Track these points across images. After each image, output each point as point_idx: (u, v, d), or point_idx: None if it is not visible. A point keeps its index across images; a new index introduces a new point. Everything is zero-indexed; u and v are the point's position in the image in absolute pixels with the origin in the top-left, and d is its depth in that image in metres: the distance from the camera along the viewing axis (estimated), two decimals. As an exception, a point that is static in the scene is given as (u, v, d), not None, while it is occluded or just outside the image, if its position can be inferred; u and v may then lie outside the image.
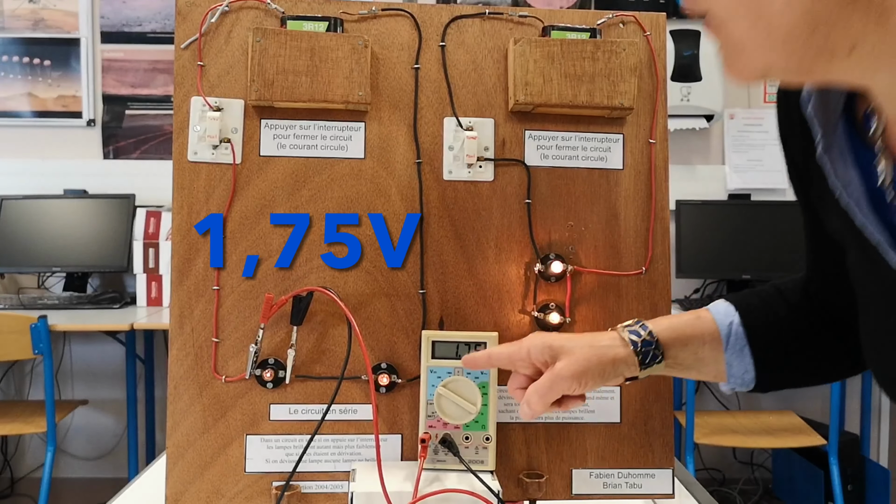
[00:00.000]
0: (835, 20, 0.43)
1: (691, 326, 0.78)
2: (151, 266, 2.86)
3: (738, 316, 0.79)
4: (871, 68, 0.46)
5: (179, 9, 0.91)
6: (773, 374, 0.79)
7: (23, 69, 3.13)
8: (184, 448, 0.88)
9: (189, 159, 0.90)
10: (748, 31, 0.45)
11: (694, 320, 0.79)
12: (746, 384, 0.79)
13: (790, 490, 2.94)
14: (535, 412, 0.75)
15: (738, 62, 0.47)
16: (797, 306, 0.80)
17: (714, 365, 0.79)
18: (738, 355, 0.78)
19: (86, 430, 3.14)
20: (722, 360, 0.78)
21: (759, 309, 0.79)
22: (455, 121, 0.92)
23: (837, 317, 0.77)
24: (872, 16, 0.42)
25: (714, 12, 0.47)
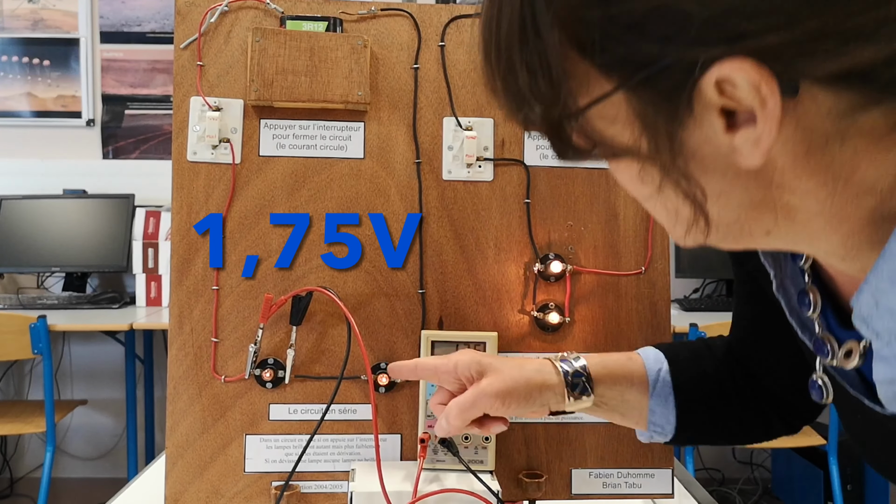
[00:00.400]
0: (750, 220, 0.47)
1: (622, 366, 0.78)
2: (151, 266, 2.86)
3: (666, 363, 0.79)
4: (789, 244, 0.49)
5: (179, 9, 0.91)
6: (693, 427, 0.79)
7: (22, 69, 3.13)
8: (183, 448, 0.88)
9: (188, 159, 0.90)
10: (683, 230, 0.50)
11: (625, 361, 0.79)
12: (665, 434, 0.79)
13: (789, 490, 2.94)
14: (453, 428, 0.73)
15: (680, 239, 0.52)
16: (723, 365, 0.80)
17: (638, 410, 0.78)
18: (662, 403, 0.78)
19: (85, 430, 3.14)
20: (646, 406, 0.78)
21: (687, 360, 0.79)
22: (454, 121, 0.92)
23: (760, 380, 0.77)
24: (781, 215, 0.46)
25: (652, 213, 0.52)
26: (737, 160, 0.43)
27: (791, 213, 0.46)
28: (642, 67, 0.41)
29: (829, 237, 0.47)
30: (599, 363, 0.77)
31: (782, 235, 0.48)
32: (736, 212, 0.46)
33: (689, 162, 0.45)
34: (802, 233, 0.47)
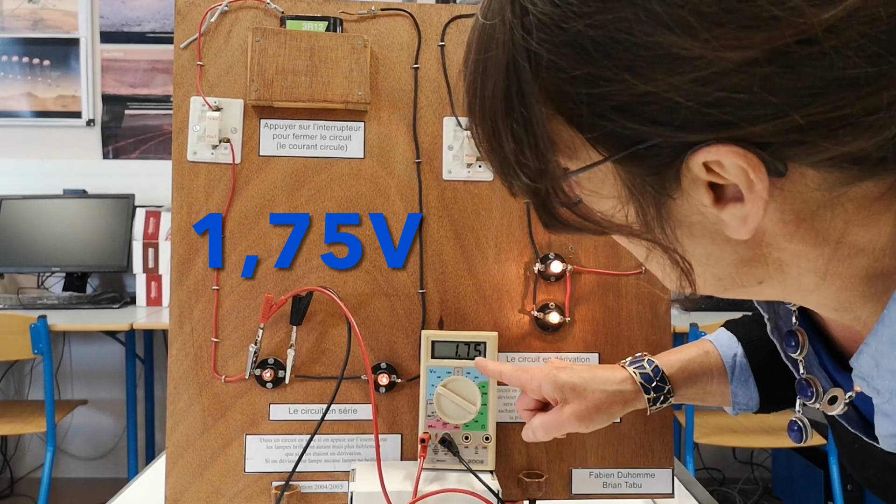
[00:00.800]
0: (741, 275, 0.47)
1: (699, 364, 0.80)
2: (151, 266, 2.86)
3: (740, 347, 0.80)
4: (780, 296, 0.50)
5: (179, 8, 0.91)
6: (776, 400, 0.80)
7: (22, 69, 3.13)
8: (183, 448, 0.88)
9: (188, 159, 0.90)
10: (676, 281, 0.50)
11: (702, 356, 0.80)
12: (751, 409, 0.81)
13: (790, 489, 2.94)
14: (539, 440, 0.79)
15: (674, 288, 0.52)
16: None
17: (720, 396, 0.81)
18: (742, 386, 0.79)
19: (85, 430, 3.14)
20: (728, 392, 0.80)
21: (761, 339, 0.80)
22: (454, 120, 0.92)
23: None
24: (773, 268, 0.46)
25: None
26: (725, 230, 0.43)
27: (783, 267, 0.46)
28: (630, 144, 0.41)
29: (821, 292, 0.47)
30: (678, 367, 0.79)
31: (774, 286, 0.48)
32: (727, 269, 0.47)
33: (677, 229, 0.45)
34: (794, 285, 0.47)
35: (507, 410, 0.91)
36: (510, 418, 0.91)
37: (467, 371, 0.86)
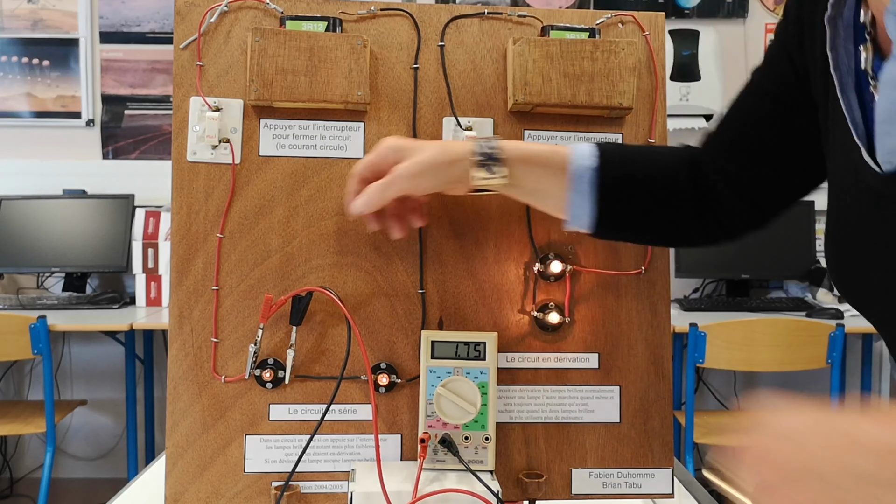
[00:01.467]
0: None
1: (541, 157, 0.80)
2: (150, 266, 2.86)
3: (597, 162, 0.80)
4: None
5: (178, 9, 0.91)
6: (614, 226, 0.82)
7: (22, 69, 3.13)
8: (183, 448, 0.88)
9: (188, 159, 0.90)
10: None
11: (549, 154, 0.81)
12: (583, 226, 0.82)
13: (790, 489, 2.94)
14: (371, 204, 0.78)
15: None
16: (678, 166, 0.83)
17: (554, 200, 0.82)
18: (580, 196, 0.80)
19: (85, 430, 3.14)
20: (564, 198, 0.81)
21: (621, 162, 0.81)
22: (454, 121, 0.92)
23: (725, 179, 0.81)
24: None
25: None
26: None
27: None
28: None
29: None
30: (518, 149, 0.79)
31: None
32: None
33: None
34: None
35: (507, 411, 0.91)
36: (510, 418, 0.91)
37: (467, 371, 0.86)
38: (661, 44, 0.96)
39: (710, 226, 0.84)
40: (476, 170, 0.78)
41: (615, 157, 0.82)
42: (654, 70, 0.95)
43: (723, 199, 0.82)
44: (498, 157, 0.78)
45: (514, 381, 0.91)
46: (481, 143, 0.79)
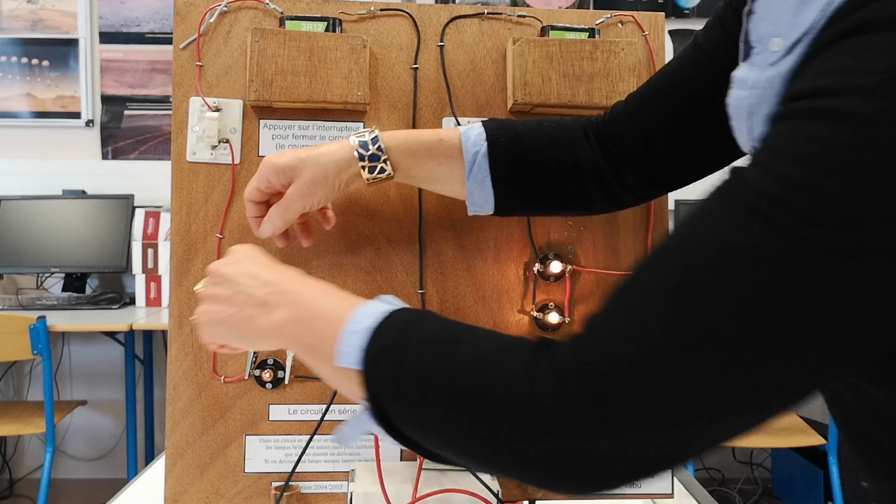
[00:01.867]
0: None
1: (427, 148, 0.79)
2: (150, 266, 2.86)
3: (486, 146, 0.79)
4: None
5: (178, 9, 0.91)
6: (509, 207, 0.81)
7: (21, 69, 3.13)
8: (183, 448, 0.88)
9: (188, 159, 0.90)
10: None
11: (435, 143, 0.80)
12: (487, 211, 0.82)
13: (789, 489, 2.94)
14: (277, 228, 0.80)
15: None
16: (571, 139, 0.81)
17: (451, 186, 0.81)
18: (479, 185, 0.80)
19: (85, 430, 3.14)
20: (463, 184, 0.80)
21: (508, 142, 0.79)
22: (454, 121, 0.92)
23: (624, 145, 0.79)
24: None
25: None
26: None
27: None
28: None
29: None
30: (401, 141, 0.79)
31: None
32: None
33: None
34: None
35: (507, 411, 0.91)
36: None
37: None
38: (661, 44, 0.96)
39: (617, 191, 0.81)
40: (364, 171, 0.78)
41: (503, 139, 0.80)
42: (653, 70, 0.95)
43: (635, 162, 0.79)
44: (381, 155, 0.78)
45: (513, 382, 0.91)
46: (362, 142, 0.78)
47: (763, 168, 0.41)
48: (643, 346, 0.43)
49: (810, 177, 0.39)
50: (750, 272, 0.40)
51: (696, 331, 0.42)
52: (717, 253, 0.42)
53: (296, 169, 0.78)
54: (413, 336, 0.52)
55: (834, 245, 0.39)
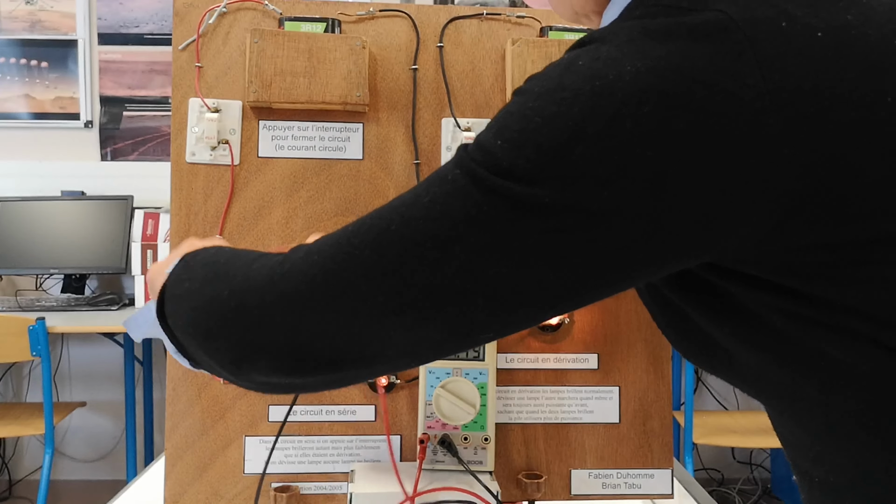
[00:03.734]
0: None
1: None
2: (150, 268, 2.85)
3: None
4: None
5: (177, 10, 0.91)
6: None
7: (20, 70, 3.13)
8: (182, 449, 0.88)
9: (187, 160, 0.90)
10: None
11: None
12: None
13: (789, 490, 2.94)
14: None
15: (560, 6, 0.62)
16: None
17: None
18: None
19: (84, 432, 3.14)
20: None
21: None
22: (453, 121, 0.92)
23: None
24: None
25: None
26: None
27: None
28: None
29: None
30: None
31: None
32: None
33: None
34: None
35: (506, 411, 0.91)
36: (509, 419, 0.91)
37: (466, 372, 0.86)
38: (660, 44, 0.96)
39: None
40: None
41: None
42: (652, 71, 0.95)
43: None
44: None
45: (513, 382, 0.91)
46: None
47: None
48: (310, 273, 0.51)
49: (485, 137, 0.48)
50: (434, 192, 0.49)
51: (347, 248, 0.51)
52: (417, 185, 0.52)
53: None
54: (205, 252, 0.61)
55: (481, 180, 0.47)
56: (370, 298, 0.49)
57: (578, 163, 0.44)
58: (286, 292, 0.51)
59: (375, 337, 0.50)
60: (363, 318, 0.49)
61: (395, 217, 0.50)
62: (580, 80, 0.45)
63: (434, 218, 0.48)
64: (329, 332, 0.51)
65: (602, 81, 0.45)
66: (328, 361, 0.52)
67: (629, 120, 0.44)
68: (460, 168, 0.48)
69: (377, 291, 0.49)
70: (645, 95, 0.44)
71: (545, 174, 0.45)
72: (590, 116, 0.44)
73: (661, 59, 0.44)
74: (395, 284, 0.48)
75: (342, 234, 0.52)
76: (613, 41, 0.47)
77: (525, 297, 0.48)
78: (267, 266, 0.53)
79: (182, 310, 0.58)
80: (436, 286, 0.48)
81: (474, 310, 0.48)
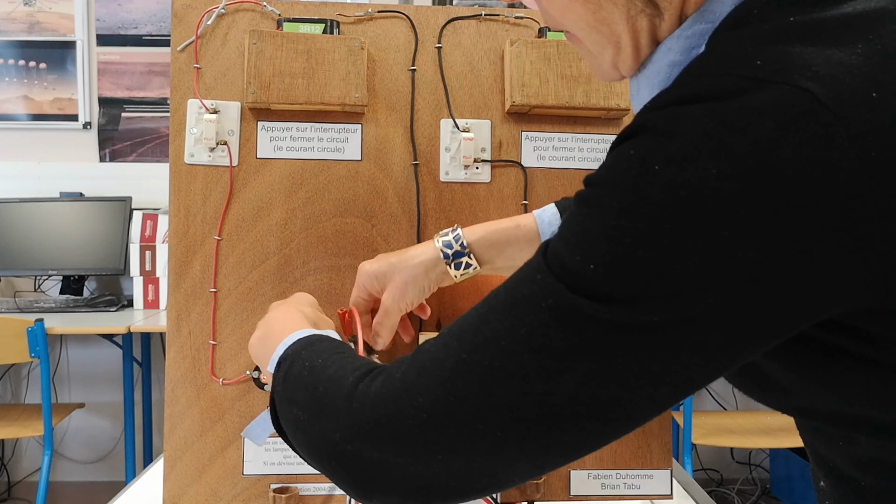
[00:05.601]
0: None
1: (505, 236, 0.83)
2: (148, 269, 2.85)
3: None
4: None
5: (175, 11, 0.91)
6: None
7: (19, 72, 3.13)
8: (181, 451, 0.88)
9: (186, 162, 0.90)
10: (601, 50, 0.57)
11: (513, 230, 0.83)
12: None
13: (788, 490, 2.95)
14: (386, 340, 0.84)
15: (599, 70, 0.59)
16: None
17: None
18: None
19: (83, 433, 3.13)
20: None
21: None
22: (452, 122, 0.92)
23: None
24: None
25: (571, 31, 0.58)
26: None
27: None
28: None
29: None
30: (480, 236, 0.82)
31: None
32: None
33: None
34: None
35: (506, 412, 0.91)
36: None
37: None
38: (658, 45, 0.96)
39: None
40: (451, 268, 0.81)
41: None
42: (651, 71, 0.95)
43: None
44: (464, 251, 0.81)
45: (512, 383, 0.91)
46: (446, 241, 0.81)
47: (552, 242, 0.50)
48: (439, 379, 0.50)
49: (570, 260, 0.47)
50: (524, 324, 0.48)
51: (462, 375, 0.49)
52: (502, 307, 0.50)
53: (387, 274, 0.82)
54: (305, 351, 0.63)
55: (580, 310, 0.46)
56: (488, 435, 0.48)
57: (679, 277, 0.43)
58: (399, 438, 0.51)
59: (499, 467, 0.50)
60: (483, 455, 0.49)
61: (496, 352, 0.48)
62: (661, 190, 0.43)
63: (537, 350, 0.47)
64: (452, 469, 0.50)
65: (688, 191, 0.43)
66: (456, 492, 0.52)
67: (725, 229, 0.42)
68: (553, 297, 0.46)
69: (494, 428, 0.48)
70: (736, 200, 0.42)
71: (647, 294, 0.44)
72: (683, 231, 0.43)
73: (747, 156, 0.42)
74: (509, 420, 0.48)
75: (440, 373, 0.50)
76: (683, 135, 0.44)
77: (637, 410, 0.48)
78: (369, 403, 0.53)
79: (298, 440, 0.59)
80: (551, 416, 0.47)
81: (590, 432, 0.48)
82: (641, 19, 0.53)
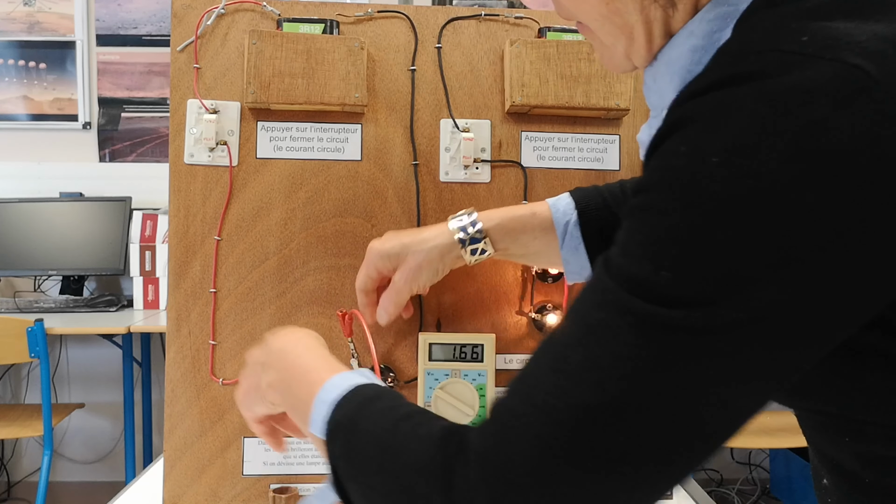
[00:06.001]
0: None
1: (521, 223, 0.82)
2: (148, 269, 2.85)
3: (576, 214, 0.81)
4: None
5: (175, 11, 0.91)
6: None
7: (18, 72, 3.13)
8: (181, 451, 0.88)
9: (185, 162, 0.90)
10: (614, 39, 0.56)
11: (528, 217, 0.82)
12: (585, 278, 0.83)
13: (788, 490, 2.95)
14: (393, 316, 0.83)
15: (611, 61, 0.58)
16: None
17: (547, 257, 0.84)
18: (573, 253, 0.81)
19: (83, 433, 3.13)
20: (558, 255, 0.82)
21: (598, 209, 0.82)
22: (452, 122, 0.92)
23: None
24: None
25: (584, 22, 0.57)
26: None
27: None
28: None
29: None
30: (497, 222, 0.81)
31: None
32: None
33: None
34: None
35: (506, 412, 0.91)
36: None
37: (465, 373, 0.86)
38: (658, 45, 0.96)
39: None
40: (465, 253, 0.81)
41: (591, 206, 0.82)
42: (651, 71, 0.95)
43: None
44: (480, 237, 0.80)
45: (512, 383, 0.91)
46: (461, 226, 0.81)
47: (611, 258, 0.47)
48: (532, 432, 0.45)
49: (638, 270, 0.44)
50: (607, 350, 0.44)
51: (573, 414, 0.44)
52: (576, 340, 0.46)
53: (400, 255, 0.81)
54: (363, 418, 0.55)
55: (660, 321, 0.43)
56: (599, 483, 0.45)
57: (753, 272, 0.42)
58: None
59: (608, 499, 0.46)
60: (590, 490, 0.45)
61: (584, 387, 0.44)
62: (723, 182, 0.42)
63: (627, 375, 0.43)
64: None
65: (752, 180, 0.41)
66: None
67: (796, 214, 0.41)
68: (633, 314, 0.44)
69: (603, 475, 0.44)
70: (802, 183, 0.41)
71: (724, 292, 0.42)
72: (753, 222, 0.42)
73: (807, 138, 0.41)
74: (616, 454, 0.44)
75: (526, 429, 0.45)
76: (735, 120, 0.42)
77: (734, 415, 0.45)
78: (475, 495, 0.46)
79: None
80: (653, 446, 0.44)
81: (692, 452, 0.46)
82: (655, 9, 0.53)
